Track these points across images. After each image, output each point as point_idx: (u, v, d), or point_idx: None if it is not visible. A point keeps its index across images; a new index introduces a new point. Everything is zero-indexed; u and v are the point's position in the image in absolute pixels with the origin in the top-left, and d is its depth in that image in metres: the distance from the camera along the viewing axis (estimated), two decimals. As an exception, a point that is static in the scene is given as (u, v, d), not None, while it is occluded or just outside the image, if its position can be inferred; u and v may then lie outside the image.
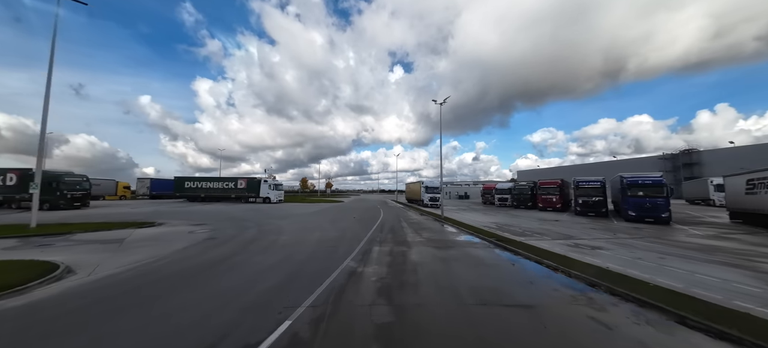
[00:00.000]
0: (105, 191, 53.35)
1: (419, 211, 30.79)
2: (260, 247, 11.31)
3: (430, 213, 27.43)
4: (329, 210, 31.37)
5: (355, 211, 29.48)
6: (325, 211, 28.98)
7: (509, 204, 40.47)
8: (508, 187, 42.17)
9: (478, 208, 36.47)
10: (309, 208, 34.26)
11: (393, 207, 38.21)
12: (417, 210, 32.00)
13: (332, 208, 33.80)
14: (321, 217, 22.84)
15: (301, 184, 64.26)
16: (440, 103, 23.86)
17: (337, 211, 30.35)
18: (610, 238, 14.12)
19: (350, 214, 26.48)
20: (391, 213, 28.26)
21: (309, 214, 25.38)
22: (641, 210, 21.27)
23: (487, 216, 25.71)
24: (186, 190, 43.98)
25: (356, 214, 26.63)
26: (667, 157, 73.40)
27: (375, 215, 25.28)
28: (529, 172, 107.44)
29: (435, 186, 38.38)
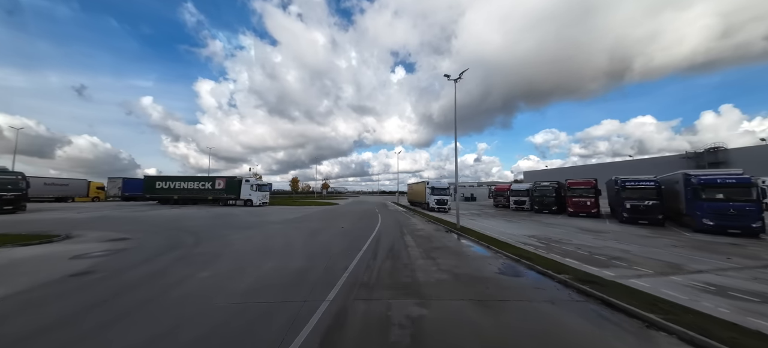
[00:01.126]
0: (75, 192, 48.10)
1: (425, 217, 25.29)
2: (134, 301, 5.82)
3: (438, 220, 21.96)
4: (315, 216, 25.88)
5: (347, 218, 24.00)
6: (309, 218, 23.49)
7: (527, 208, 35.04)
8: (525, 187, 36.68)
9: (494, 213, 30.94)
10: (293, 212, 28.78)
11: (393, 211, 32.78)
12: (422, 215, 26.53)
13: (320, 214, 28.31)
14: (298, 229, 17.38)
15: (292, 185, 58.11)
16: (455, 80, 18.42)
17: (325, 217, 24.85)
18: (739, 268, 8.62)
19: (339, 222, 21.01)
20: (391, 220, 22.80)
21: (285, 223, 19.91)
22: (722, 218, 16.14)
23: (513, 224, 20.20)
24: (157, 192, 38.61)
25: (347, 221, 21.15)
26: (691, 155, 67.82)
27: (370, 224, 19.83)
28: (536, 172, 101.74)
29: (443, 186, 32.90)
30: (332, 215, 26.31)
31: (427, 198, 33.58)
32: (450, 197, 32.23)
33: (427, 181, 34.68)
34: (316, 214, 26.90)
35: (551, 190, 31.24)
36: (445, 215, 27.05)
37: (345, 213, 29.24)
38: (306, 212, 29.30)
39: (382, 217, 24.60)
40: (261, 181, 39.32)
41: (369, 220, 22.00)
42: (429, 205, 32.95)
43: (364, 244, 12.31)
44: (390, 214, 29.22)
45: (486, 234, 15.08)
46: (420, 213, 29.34)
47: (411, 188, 47.89)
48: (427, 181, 34.70)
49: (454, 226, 17.35)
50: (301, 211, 31.08)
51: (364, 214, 28.60)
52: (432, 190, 32.62)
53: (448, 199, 31.94)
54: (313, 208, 36.40)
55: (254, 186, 36.45)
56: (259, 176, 58.20)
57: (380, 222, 20.98)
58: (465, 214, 29.25)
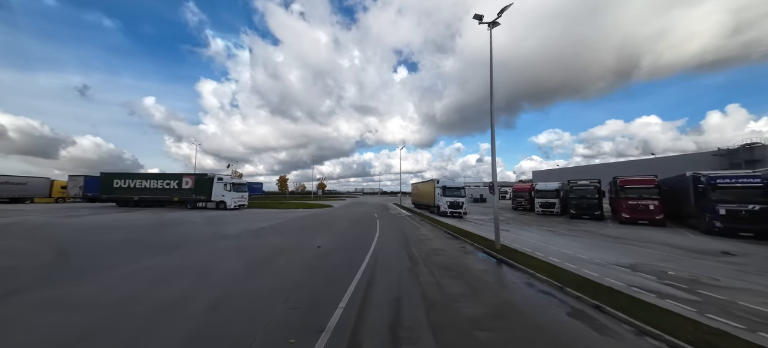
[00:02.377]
0: (35, 192, 42.24)
1: (438, 225, 19.12)
2: None
3: (458, 231, 15.83)
4: (293, 224, 19.78)
5: (333, 228, 17.87)
6: (282, 229, 17.37)
7: (557, 211, 28.92)
8: (554, 187, 30.52)
9: (517, 218, 24.73)
10: (268, 218, 22.70)
11: (396, 216, 26.66)
12: (433, 223, 20.35)
13: (302, 221, 22.23)
14: (249, 249, 11.28)
15: (279, 185, 51.22)
16: (489, 24, 12.29)
17: (305, 226, 18.73)
18: None
19: (320, 234, 14.89)
20: (393, 230, 16.66)
21: (241, 238, 13.80)
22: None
23: (568, 240, 14.01)
24: (116, 192, 32.58)
25: (330, 234, 15.03)
26: (723, 153, 61.26)
27: (364, 237, 13.72)
28: (545, 172, 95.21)
29: (457, 185, 26.73)
30: (316, 223, 20.18)
31: (437, 200, 27.43)
32: (466, 199, 26.06)
33: (437, 180, 28.52)
34: (296, 222, 20.78)
35: (593, 190, 25.06)
36: (462, 223, 20.89)
37: (334, 219, 23.13)
38: (286, 217, 23.20)
39: (382, 226, 18.47)
40: (237, 180, 33.19)
41: (363, 231, 15.88)
42: (439, 209, 26.81)
43: (345, 289, 6.20)
44: (392, 220, 23.10)
45: (553, 264, 8.95)
46: (429, 218, 23.21)
47: (416, 188, 41.73)
48: (436, 180, 28.56)
49: (490, 245, 11.24)
50: (280, 216, 24.99)
51: (358, 220, 22.50)
52: (443, 190, 26.44)
53: (464, 201, 25.79)
54: (299, 211, 30.30)
55: (228, 185, 30.35)
56: (239, 174, 51.62)
57: (378, 234, 14.87)
58: (483, 220, 23.09)
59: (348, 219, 23.11)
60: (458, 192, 26.23)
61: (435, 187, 28.46)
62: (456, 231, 15.87)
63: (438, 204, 27.20)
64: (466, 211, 25.67)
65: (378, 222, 21.11)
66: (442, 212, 26.05)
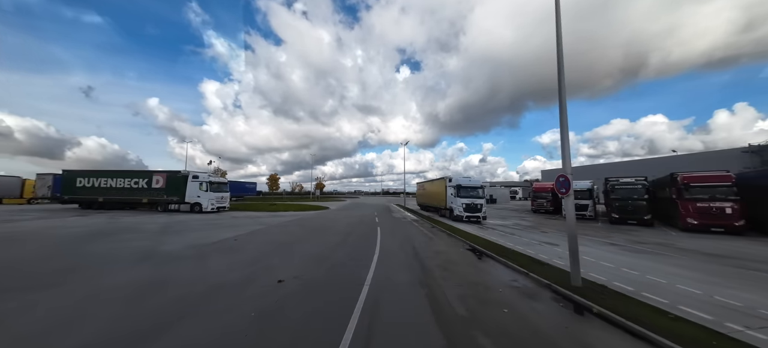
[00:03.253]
0: (4, 193, 38.38)
1: (458, 235, 14.72)
2: None
3: (488, 244, 11.45)
4: (265, 237, 15.48)
5: (320, 239, 13.54)
6: (246, 244, 13.03)
7: (590, 215, 24.57)
8: (585, 186, 26.12)
9: (547, 224, 20.24)
10: (244, 226, 18.43)
11: (400, 220, 22.27)
12: (450, 231, 15.94)
13: (283, 229, 17.98)
14: (162, 290, 6.97)
15: (270, 184, 45.93)
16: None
17: (279, 241, 14.37)
18: None
19: (295, 254, 10.56)
20: (399, 244, 12.26)
21: (176, 259, 9.49)
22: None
23: (650, 261, 9.56)
24: (79, 192, 28.43)
25: (309, 255, 10.68)
26: (754, 149, 56.49)
27: (357, 259, 9.36)
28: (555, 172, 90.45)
29: (474, 184, 22.33)
30: (300, 233, 15.86)
31: (450, 202, 23.06)
32: (485, 201, 21.65)
33: (449, 177, 24.12)
34: (273, 231, 16.47)
35: (641, 190, 20.62)
36: (486, 232, 16.52)
37: (325, 225, 18.81)
38: (265, 224, 18.90)
39: (383, 237, 14.13)
40: (217, 178, 28.80)
41: (357, 247, 11.52)
42: (452, 213, 22.42)
43: None
44: (396, 226, 18.75)
45: (711, 329, 4.56)
46: (441, 225, 18.82)
47: (422, 188, 37.34)
48: (448, 179, 24.17)
49: (562, 280, 6.89)
50: (260, 221, 20.70)
51: (354, 227, 18.17)
52: (457, 189, 22.01)
53: (483, 203, 21.38)
54: (287, 215, 26.01)
55: (204, 184, 26.03)
56: (223, 172, 46.53)
57: (378, 252, 10.53)
58: (507, 226, 18.67)
59: (342, 225, 18.77)
60: (476, 192, 21.83)
61: (446, 186, 24.08)
62: (488, 247, 11.46)
63: (451, 206, 22.82)
64: (486, 215, 21.28)
65: (379, 230, 16.77)
66: (455, 216, 21.65)
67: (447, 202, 23.88)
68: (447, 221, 21.60)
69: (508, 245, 11.97)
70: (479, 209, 20.95)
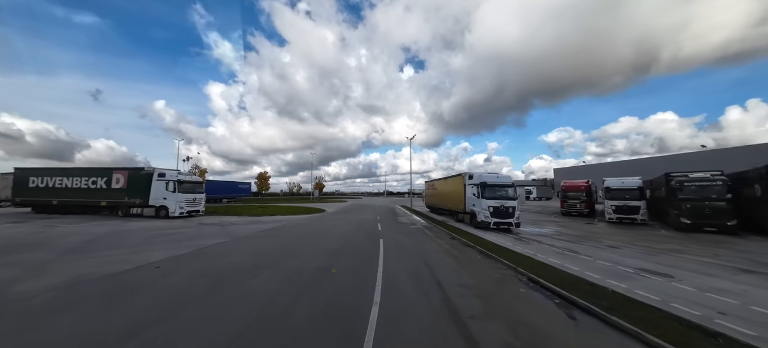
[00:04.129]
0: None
1: (497, 254, 10.09)
2: None
3: (559, 275, 6.89)
4: (214, 260, 10.96)
5: (292, 264, 9.02)
6: (172, 274, 8.54)
7: (642, 219, 19.96)
8: (636, 184, 21.45)
9: (590, 232, 15.44)
10: (199, 237, 14.05)
11: (407, 226, 17.71)
12: (474, 243, 11.31)
13: (246, 248, 13.49)
14: None
15: (259, 183, 40.55)
16: None
17: (229, 271, 9.78)
18: None
19: (245, 298, 6.01)
20: (413, 270, 7.66)
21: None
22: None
23: None
24: (31, 193, 24.36)
25: (239, 314, 6.10)
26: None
27: (346, 313, 4.82)
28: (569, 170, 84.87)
29: (503, 182, 17.69)
30: (267, 253, 11.37)
31: (471, 204, 18.42)
32: (517, 203, 16.94)
33: (469, 174, 19.46)
34: (228, 250, 12.03)
35: (721, 188, 15.88)
36: (534, 248, 11.88)
37: (310, 236, 14.35)
38: (230, 236, 14.49)
39: (388, 256, 9.60)
40: (189, 177, 24.30)
41: (347, 274, 7.02)
42: (475, 218, 17.77)
43: None
44: (405, 238, 14.20)
45: None
46: (461, 234, 14.21)
47: (432, 188, 32.66)
48: (467, 175, 19.54)
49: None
50: (230, 232, 16.33)
51: (349, 236, 13.66)
52: (482, 188, 17.29)
53: (515, 206, 16.70)
54: (269, 221, 21.62)
55: (172, 184, 21.63)
56: (202, 170, 39.99)
57: (379, 292, 5.99)
58: (547, 236, 14.00)
59: (334, 236, 14.27)
60: (505, 192, 17.19)
61: (465, 185, 19.45)
62: (565, 282, 6.81)
63: (472, 210, 18.17)
64: (519, 221, 16.57)
65: (382, 244, 12.24)
66: (479, 223, 16.99)
67: (466, 204, 19.26)
68: (468, 229, 16.99)
69: (589, 276, 7.39)
70: (511, 214, 16.29)
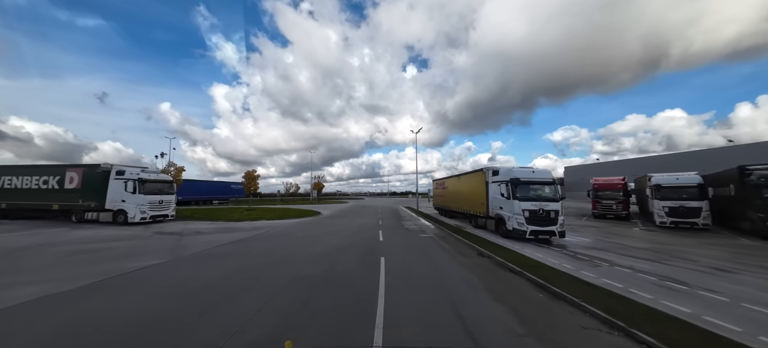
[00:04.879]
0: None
1: (557, 285, 6.24)
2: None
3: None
4: (61, 315, 7.06)
5: (231, 308, 5.17)
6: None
7: (703, 224, 16.11)
8: (694, 182, 17.51)
9: (637, 239, 11.50)
10: (110, 263, 10.36)
11: (415, 233, 13.93)
12: (523, 268, 7.52)
13: (171, 276, 9.62)
14: None
15: (247, 182, 36.02)
16: None
17: (121, 326, 5.84)
18: None
19: None
20: (441, 332, 3.92)
21: None
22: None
23: None
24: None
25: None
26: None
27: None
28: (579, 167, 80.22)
29: (541, 179, 13.67)
30: (180, 300, 7.66)
31: (497, 206, 14.50)
32: (561, 205, 12.95)
33: (494, 169, 15.53)
34: (153, 281, 8.35)
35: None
36: (612, 278, 8.00)
37: (286, 257, 10.66)
38: (175, 257, 10.81)
39: (391, 308, 5.84)
40: (156, 175, 20.50)
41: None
42: (503, 225, 13.83)
43: None
44: (415, 256, 10.42)
45: None
46: (490, 247, 10.42)
47: (442, 187, 28.68)
48: (491, 170, 15.64)
49: None
50: (182, 245, 12.68)
51: (340, 252, 9.96)
52: (512, 187, 13.26)
53: (559, 209, 12.72)
54: (248, 228, 17.99)
55: (132, 183, 18.00)
56: (178, 168, 32.79)
57: None
58: (601, 248, 10.09)
59: (315, 257, 10.54)
60: (544, 191, 13.28)
61: (488, 182, 15.60)
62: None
63: (498, 214, 14.26)
64: (563, 227, 12.61)
65: (383, 266, 8.50)
66: (510, 231, 13.08)
67: (489, 207, 15.40)
68: (494, 238, 13.15)
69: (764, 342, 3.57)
70: (553, 220, 12.38)
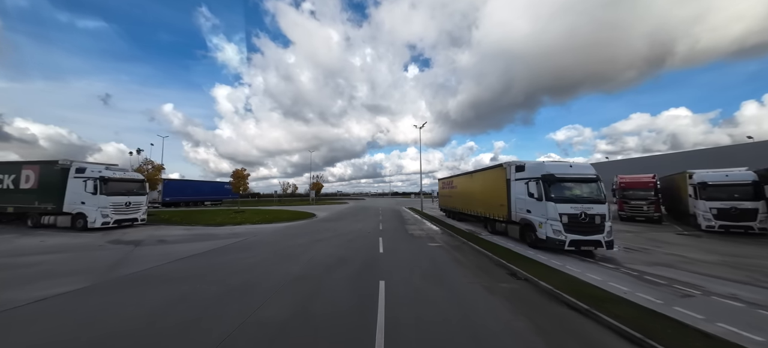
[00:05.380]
0: None
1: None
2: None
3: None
4: None
5: None
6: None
7: (759, 228, 13.45)
8: (749, 178, 14.90)
9: (687, 248, 9.01)
10: None
11: (422, 241, 11.44)
12: (596, 304, 4.99)
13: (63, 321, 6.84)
14: None
15: (234, 181, 33.67)
16: None
17: None
18: None
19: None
20: None
21: None
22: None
23: None
24: None
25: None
26: None
27: None
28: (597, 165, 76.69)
29: (582, 174, 11.05)
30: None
31: (524, 210, 11.87)
32: (607, 208, 10.38)
33: (518, 164, 12.89)
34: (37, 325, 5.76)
35: None
36: (725, 320, 5.37)
37: (255, 270, 8.12)
38: (102, 273, 8.32)
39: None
40: (120, 173, 17.74)
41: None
42: (533, 232, 11.21)
43: None
44: (430, 283, 7.88)
45: None
46: (533, 268, 7.95)
47: (450, 186, 26.04)
48: (514, 166, 13.02)
49: None
50: (130, 257, 10.17)
51: (326, 271, 7.47)
52: (546, 185, 10.64)
53: (605, 212, 10.15)
54: (219, 235, 15.53)
55: (93, 183, 15.50)
56: (157, 166, 28.23)
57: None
58: (667, 268, 7.53)
59: (287, 285, 8.04)
60: (586, 190, 10.73)
61: (510, 180, 13.04)
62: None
63: (525, 219, 11.67)
64: (611, 237, 10.04)
65: (382, 295, 6.00)
66: (541, 240, 10.52)
67: (512, 209, 12.81)
68: (519, 248, 10.63)
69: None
70: (599, 227, 9.81)
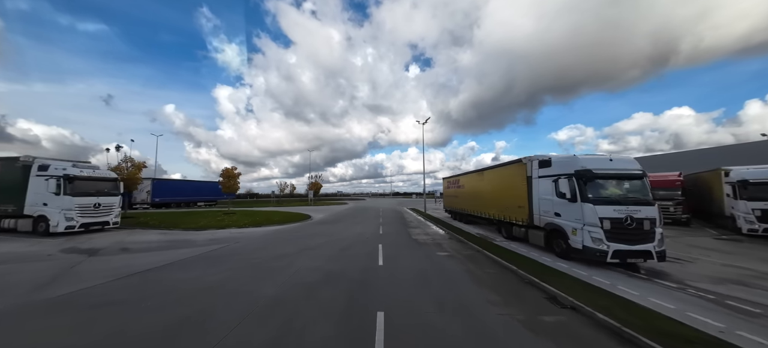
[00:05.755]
0: None
1: None
2: None
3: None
4: None
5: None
6: None
7: None
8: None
9: None
10: None
11: (429, 248, 9.63)
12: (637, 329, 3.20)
13: None
14: None
15: (223, 183, 31.97)
16: None
17: None
18: None
19: None
20: None
21: None
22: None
23: None
24: None
25: None
26: None
27: None
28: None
29: (629, 170, 9.10)
30: None
31: (551, 213, 10.00)
32: (657, 210, 8.58)
33: (543, 159, 11.02)
34: None
35: None
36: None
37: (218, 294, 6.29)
38: (34, 303, 6.51)
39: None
40: (88, 171, 15.52)
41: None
42: (564, 240, 9.35)
43: None
44: (442, 292, 6.03)
45: None
46: (585, 294, 6.17)
47: (457, 186, 24.16)
48: (538, 161, 11.15)
49: None
50: (51, 280, 8.36)
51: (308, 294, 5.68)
52: (582, 182, 8.75)
53: (655, 216, 8.35)
54: (197, 242, 13.79)
55: (56, 181, 13.73)
56: (139, 164, 26.78)
57: None
58: (757, 293, 5.72)
59: (263, 308, 6.25)
60: (632, 188, 8.92)
61: (532, 177, 11.23)
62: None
63: (553, 224, 9.83)
64: (663, 246, 8.25)
65: (380, 338, 4.18)
66: (575, 250, 8.70)
67: (534, 212, 10.99)
68: (548, 260, 8.84)
69: None
70: (648, 234, 8.00)
